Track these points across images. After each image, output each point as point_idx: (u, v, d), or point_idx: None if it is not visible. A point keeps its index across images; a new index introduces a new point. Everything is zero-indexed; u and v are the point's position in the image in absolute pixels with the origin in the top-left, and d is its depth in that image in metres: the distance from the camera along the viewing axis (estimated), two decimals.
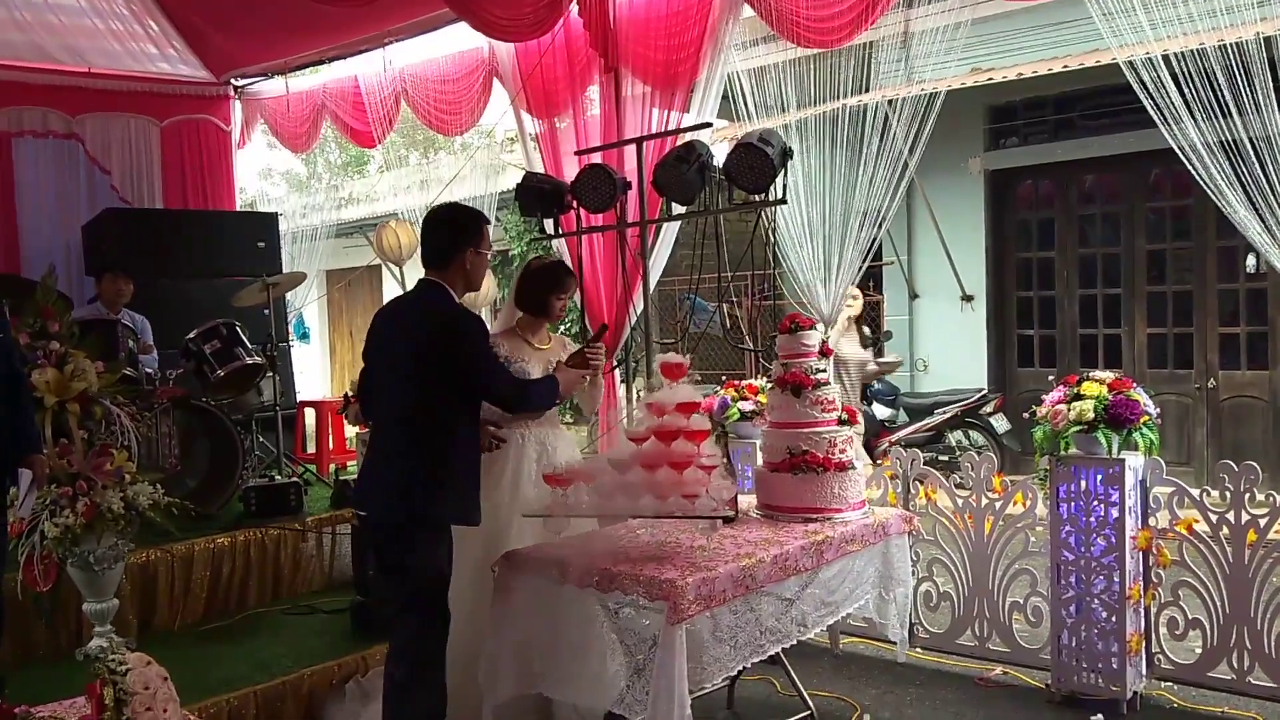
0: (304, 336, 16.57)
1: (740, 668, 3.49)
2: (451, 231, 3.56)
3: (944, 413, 9.11)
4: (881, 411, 9.55)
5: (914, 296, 10.43)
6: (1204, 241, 8.48)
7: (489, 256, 3.67)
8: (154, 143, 8.13)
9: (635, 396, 5.47)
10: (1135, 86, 4.51)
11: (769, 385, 4.23)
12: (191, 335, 6.04)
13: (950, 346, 10.11)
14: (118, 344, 5.67)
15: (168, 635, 4.92)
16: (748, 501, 4.14)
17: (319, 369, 17.15)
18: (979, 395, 9.07)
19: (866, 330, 5.86)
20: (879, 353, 10.58)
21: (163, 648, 4.69)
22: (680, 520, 3.63)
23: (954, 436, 9.24)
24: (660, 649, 3.15)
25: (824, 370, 4.05)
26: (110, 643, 2.17)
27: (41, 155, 7.57)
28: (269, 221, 8.21)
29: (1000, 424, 8.96)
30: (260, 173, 21.95)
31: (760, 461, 4.20)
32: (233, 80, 8.45)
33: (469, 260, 3.54)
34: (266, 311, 6.53)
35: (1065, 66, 7.77)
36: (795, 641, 3.69)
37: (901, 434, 9.11)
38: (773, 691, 4.47)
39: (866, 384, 9.57)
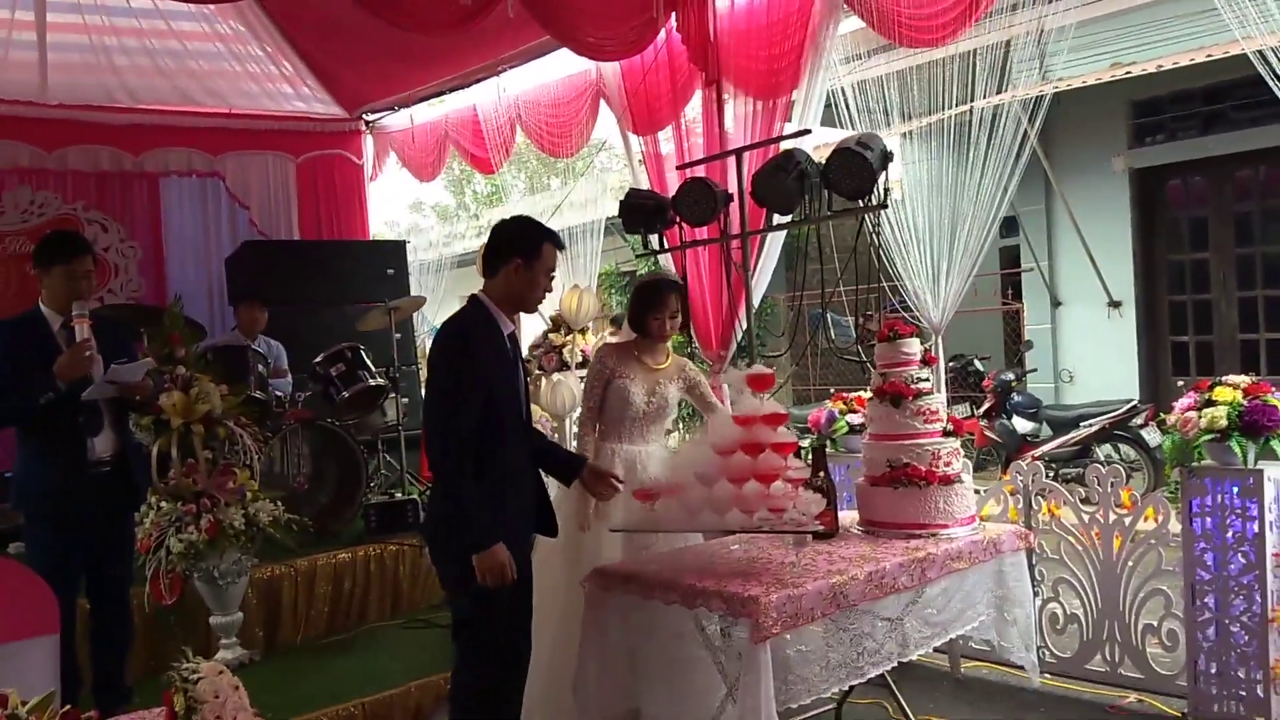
0: None
1: (835, 689, 3.36)
2: (500, 239, 3.35)
3: (1090, 426, 8.57)
4: (1023, 425, 9.08)
5: (1056, 304, 9.97)
6: None
7: (543, 279, 3.35)
8: (290, 178, 8.48)
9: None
10: (1267, 77, 4.16)
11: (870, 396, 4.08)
12: (318, 359, 6.28)
13: (1097, 356, 9.61)
14: (248, 368, 5.93)
15: (290, 648, 5.10)
16: (850, 517, 4.00)
17: None
18: (1128, 406, 8.49)
19: None
20: (1020, 363, 10.12)
21: (284, 660, 4.90)
22: (775, 535, 3.53)
23: (1102, 451, 8.69)
24: (744, 668, 3.06)
25: (926, 379, 3.88)
26: (189, 657, 2.24)
27: (186, 194, 7.99)
28: (398, 249, 8.51)
29: (1153, 437, 8.36)
30: (411, 205, 22.94)
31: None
32: (364, 115, 8.77)
33: (516, 270, 3.29)
34: (399, 335, 6.81)
35: (1209, 56, 7.32)
36: (896, 664, 3.54)
37: (1045, 449, 8.60)
38: (884, 715, 4.29)
39: (1005, 396, 9.18)
